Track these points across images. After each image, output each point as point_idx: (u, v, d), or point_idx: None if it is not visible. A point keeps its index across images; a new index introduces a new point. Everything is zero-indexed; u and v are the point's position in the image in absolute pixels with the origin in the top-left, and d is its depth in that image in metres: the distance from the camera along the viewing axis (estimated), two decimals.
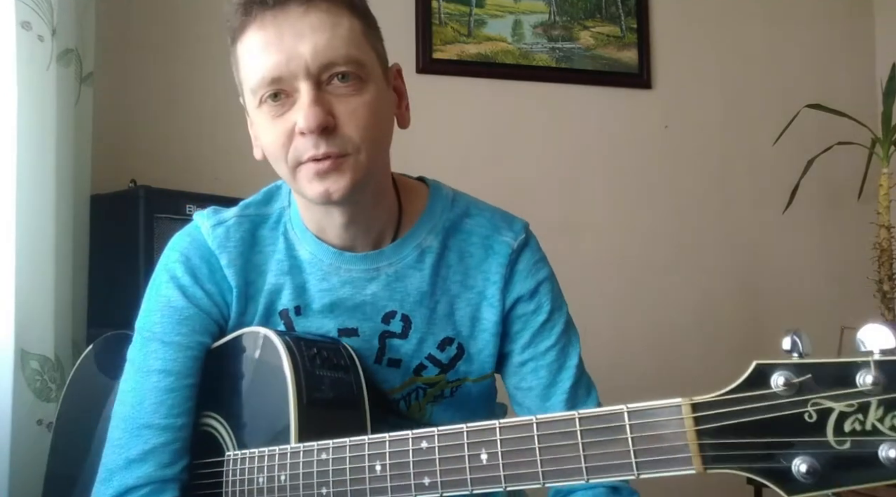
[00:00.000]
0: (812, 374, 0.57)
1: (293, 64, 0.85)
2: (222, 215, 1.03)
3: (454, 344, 1.04)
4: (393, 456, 0.78)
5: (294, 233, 1.02)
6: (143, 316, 1.01)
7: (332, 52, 0.86)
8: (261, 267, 1.02)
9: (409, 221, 1.03)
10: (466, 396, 1.08)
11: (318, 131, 0.85)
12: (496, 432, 0.71)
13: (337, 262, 1.00)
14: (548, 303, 1.05)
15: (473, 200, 1.09)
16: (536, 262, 1.06)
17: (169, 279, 1.00)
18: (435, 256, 1.02)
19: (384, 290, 1.01)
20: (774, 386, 0.58)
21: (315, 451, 0.84)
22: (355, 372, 0.98)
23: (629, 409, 0.64)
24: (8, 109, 1.43)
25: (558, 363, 1.04)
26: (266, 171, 1.06)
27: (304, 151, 0.87)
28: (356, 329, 1.02)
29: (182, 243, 1.03)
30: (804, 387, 0.57)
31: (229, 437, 0.97)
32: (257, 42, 0.87)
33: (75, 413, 1.26)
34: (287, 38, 0.86)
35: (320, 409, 0.92)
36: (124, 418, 0.96)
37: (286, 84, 0.87)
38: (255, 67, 0.88)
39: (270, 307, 1.02)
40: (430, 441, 0.75)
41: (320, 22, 0.86)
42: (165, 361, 0.97)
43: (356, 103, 0.88)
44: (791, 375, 0.57)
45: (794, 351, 0.59)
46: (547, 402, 1.04)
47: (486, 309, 1.03)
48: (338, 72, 0.87)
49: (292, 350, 0.93)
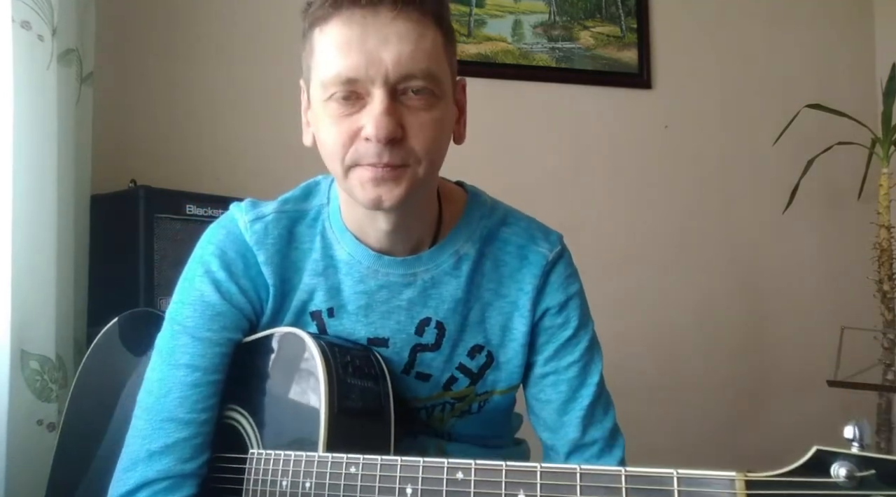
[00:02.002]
0: (876, 469, 0.55)
1: (373, 69, 0.84)
2: (261, 210, 1.01)
3: (483, 352, 1.04)
4: (426, 482, 0.76)
5: (332, 232, 1.01)
6: (175, 307, 1.00)
7: (414, 64, 0.84)
8: (297, 264, 1.01)
9: (447, 227, 1.02)
10: (490, 411, 1.08)
11: (386, 142, 0.84)
12: (537, 476, 0.69)
13: (375, 265, 0.99)
14: (575, 318, 1.04)
15: (511, 209, 1.08)
16: (569, 276, 1.06)
17: (204, 273, 0.99)
18: (471, 264, 1.01)
19: (420, 296, 1.00)
20: (835, 475, 0.56)
21: (344, 464, 0.83)
22: (384, 382, 0.97)
23: (679, 474, 0.62)
24: (7, 109, 1.43)
25: (579, 380, 1.04)
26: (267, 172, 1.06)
27: (365, 157, 0.86)
28: (387, 339, 1.01)
29: (218, 236, 1.01)
30: (865, 482, 0.55)
31: (254, 434, 0.97)
32: (340, 37, 0.85)
33: (95, 387, 1.24)
34: (371, 41, 0.84)
35: (349, 418, 0.91)
36: (148, 409, 0.96)
37: (361, 86, 0.85)
38: (332, 62, 0.85)
39: (302, 307, 1.01)
40: (465, 473, 0.74)
41: (407, 31, 0.84)
42: (194, 356, 0.96)
43: (426, 118, 0.87)
44: (854, 468, 0.55)
45: (855, 441, 0.57)
46: (564, 417, 1.03)
47: (517, 318, 1.03)
48: (415, 86, 0.85)
49: (327, 355, 0.92)
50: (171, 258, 1.68)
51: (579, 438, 1.02)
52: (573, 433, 1.03)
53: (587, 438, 1.03)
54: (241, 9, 2.20)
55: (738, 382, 2.62)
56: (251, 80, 2.18)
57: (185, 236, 1.71)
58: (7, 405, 1.40)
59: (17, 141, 1.43)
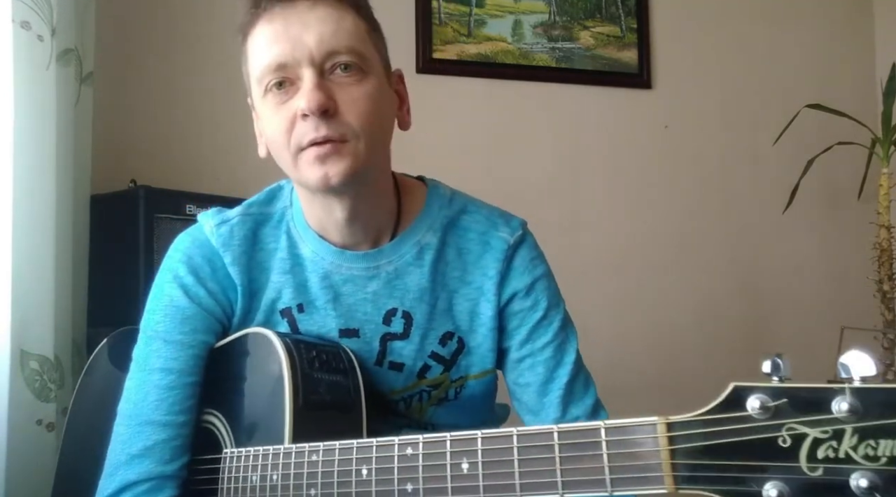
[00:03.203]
0: (788, 398, 0.56)
1: (298, 52, 0.89)
2: (226, 214, 1.05)
3: (454, 338, 1.05)
4: (379, 461, 0.78)
5: (296, 231, 1.04)
6: (147, 315, 1.02)
7: (336, 41, 0.90)
8: (263, 264, 1.03)
9: (408, 220, 1.04)
10: (468, 398, 1.09)
11: (319, 113, 0.88)
12: (478, 442, 0.71)
13: (338, 260, 1.02)
14: (544, 299, 1.05)
15: (471, 199, 1.10)
16: (533, 259, 1.07)
17: (172, 279, 1.02)
18: (434, 253, 1.03)
19: (384, 287, 1.02)
20: (750, 408, 0.57)
21: (306, 453, 0.85)
22: (353, 375, 0.98)
23: (606, 425, 0.64)
24: (6, 109, 1.43)
25: (555, 360, 1.05)
26: (266, 171, 1.06)
27: (305, 135, 0.89)
28: (357, 330, 1.03)
29: (184, 243, 1.04)
30: (780, 411, 0.56)
31: (228, 435, 0.99)
32: (265, 34, 0.92)
33: (89, 408, 1.26)
34: (293, 29, 0.90)
35: (316, 412, 0.93)
36: (128, 415, 0.98)
37: (290, 71, 0.90)
38: (262, 56, 0.92)
39: (272, 305, 1.03)
40: (414, 448, 0.76)
41: (327, 15, 0.91)
42: (167, 360, 0.98)
43: (357, 92, 0.91)
44: (767, 399, 0.56)
45: (774, 374, 0.58)
46: (544, 398, 1.04)
47: (483, 304, 1.04)
48: (340, 61, 0.90)
49: (291, 352, 0.94)
50: None
51: (561, 417, 1.03)
52: (555, 413, 1.04)
53: (569, 417, 1.03)
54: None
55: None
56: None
57: None
58: (7, 405, 1.40)
59: (17, 141, 1.44)
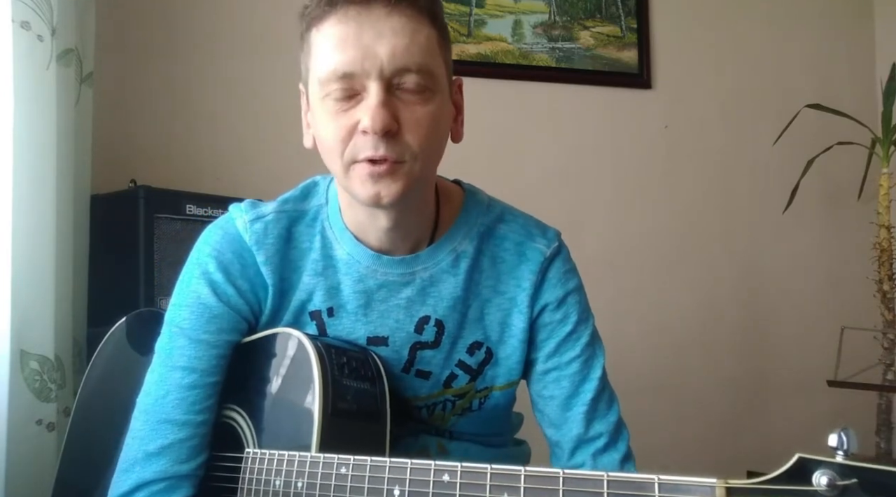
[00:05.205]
0: (858, 479, 0.54)
1: (368, 63, 0.85)
2: (260, 210, 1.02)
3: (483, 348, 1.04)
4: (413, 484, 0.77)
5: (332, 231, 1.01)
6: (173, 309, 1.00)
7: (409, 57, 0.86)
8: (295, 263, 1.01)
9: (445, 225, 1.03)
10: (491, 408, 1.08)
11: (382, 133, 0.85)
12: (521, 479, 0.69)
13: (374, 264, 0.99)
14: (575, 314, 1.05)
15: (507, 206, 1.08)
16: (567, 272, 1.06)
17: (200, 274, 0.99)
18: (469, 261, 1.02)
19: (418, 294, 1.01)
20: (816, 484, 0.55)
21: (335, 465, 0.84)
22: (381, 384, 0.98)
23: (660, 480, 0.62)
24: (6, 109, 1.42)
25: (581, 375, 1.04)
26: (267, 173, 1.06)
27: (363, 150, 0.87)
28: (386, 338, 1.02)
29: (215, 237, 1.01)
30: (848, 491, 0.54)
31: (251, 434, 0.97)
32: (336, 34, 0.86)
33: (103, 386, 1.24)
34: (366, 37, 0.85)
35: (343, 420, 0.92)
36: (146, 411, 0.97)
37: (357, 82, 0.86)
38: (329, 58, 0.87)
39: (301, 307, 1.01)
40: (452, 475, 0.74)
41: (402, 26, 0.86)
42: (191, 359, 0.97)
43: (421, 113, 0.88)
44: (836, 476, 0.54)
45: (839, 449, 0.56)
46: (567, 413, 1.04)
47: (515, 315, 1.03)
48: (409, 79, 0.86)
49: (323, 357, 0.93)
50: (171, 258, 1.68)
51: (584, 433, 1.03)
52: (577, 428, 1.03)
53: (591, 433, 1.03)
54: (241, 9, 2.20)
55: (739, 382, 2.62)
56: (251, 80, 2.18)
57: (185, 236, 1.71)
58: (7, 405, 1.40)
59: (17, 141, 1.43)
